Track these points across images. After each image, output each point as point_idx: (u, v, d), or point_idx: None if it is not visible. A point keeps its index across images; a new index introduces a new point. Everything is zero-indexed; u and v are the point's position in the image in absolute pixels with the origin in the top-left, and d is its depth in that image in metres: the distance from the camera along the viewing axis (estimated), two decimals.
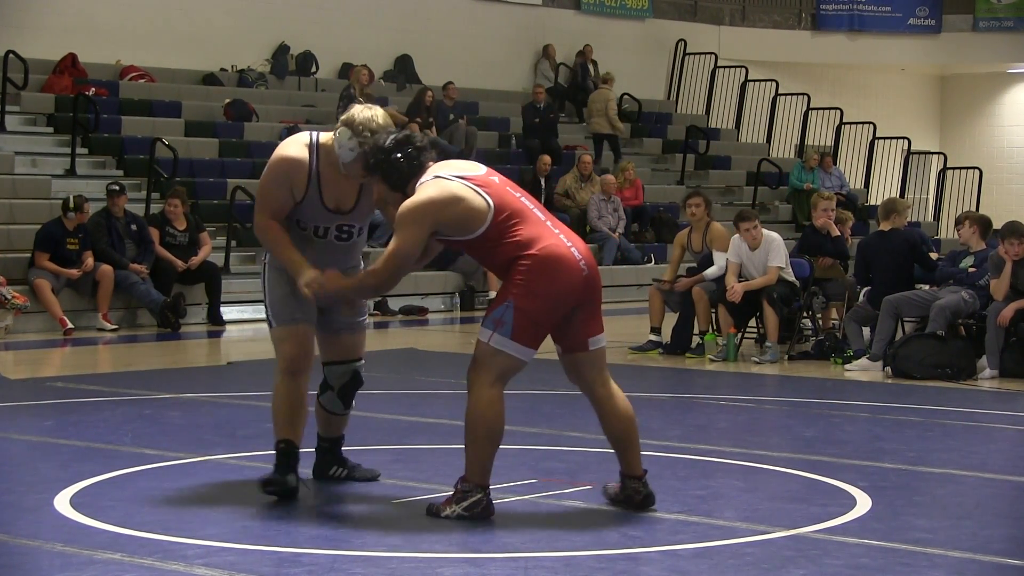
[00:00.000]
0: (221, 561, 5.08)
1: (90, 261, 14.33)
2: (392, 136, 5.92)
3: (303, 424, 6.24)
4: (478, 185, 5.82)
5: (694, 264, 13.05)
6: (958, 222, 12.55)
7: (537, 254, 5.74)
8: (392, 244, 5.79)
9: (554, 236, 5.82)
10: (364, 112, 5.99)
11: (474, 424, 5.77)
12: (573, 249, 5.84)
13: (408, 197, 5.82)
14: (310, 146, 6.09)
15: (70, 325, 13.92)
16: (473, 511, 5.70)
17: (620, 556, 5.22)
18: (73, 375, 10.97)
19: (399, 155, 5.87)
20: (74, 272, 14.20)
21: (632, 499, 5.93)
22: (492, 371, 5.76)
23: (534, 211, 5.88)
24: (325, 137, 6.12)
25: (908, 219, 13.06)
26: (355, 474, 6.51)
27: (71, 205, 14.39)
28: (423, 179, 5.84)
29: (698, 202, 12.76)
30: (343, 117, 6.03)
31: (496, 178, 5.95)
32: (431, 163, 5.93)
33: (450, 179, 5.81)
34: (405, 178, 5.87)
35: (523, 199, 5.91)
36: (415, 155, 5.90)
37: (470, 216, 5.74)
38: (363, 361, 6.55)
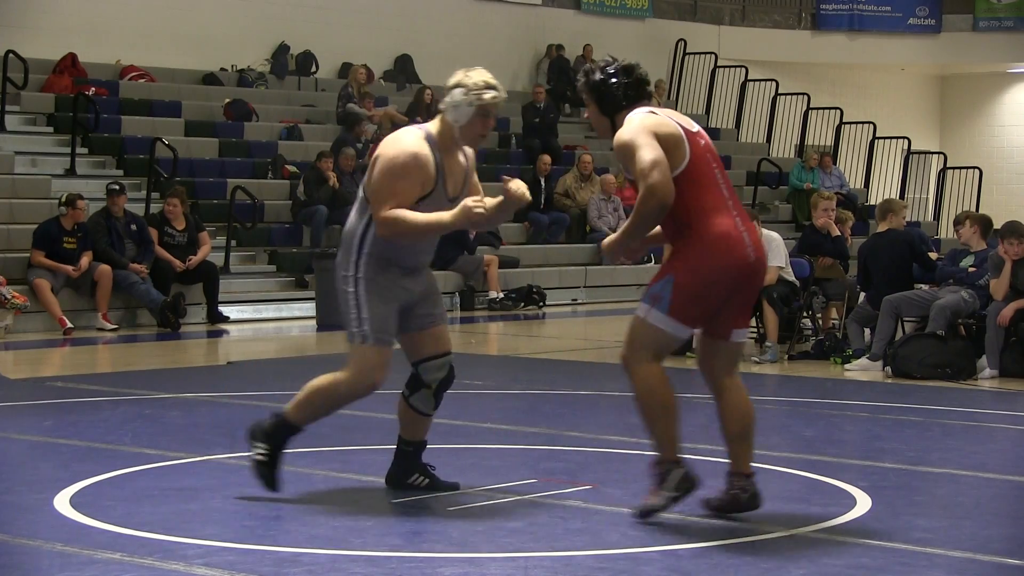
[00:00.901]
0: (221, 561, 5.08)
1: (85, 261, 14.31)
2: (618, 63, 5.88)
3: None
4: (685, 132, 5.78)
5: None
6: (957, 222, 12.55)
7: (707, 230, 5.63)
8: (638, 176, 5.61)
9: (730, 216, 5.70)
10: (467, 73, 6.05)
11: (648, 403, 5.68)
12: (744, 233, 5.69)
13: (615, 129, 5.75)
14: (426, 139, 5.99)
15: (69, 325, 13.92)
16: (681, 487, 5.63)
17: (620, 556, 5.22)
18: (73, 375, 10.97)
19: (618, 80, 5.83)
20: (69, 268, 14.16)
21: (738, 499, 5.76)
22: (648, 349, 5.67)
23: (721, 186, 5.77)
24: (432, 127, 6.07)
25: (906, 219, 13.04)
26: (437, 484, 6.26)
27: (63, 201, 14.42)
28: (631, 114, 5.77)
29: None
30: (449, 83, 6.04)
31: (703, 140, 5.87)
32: (645, 103, 5.86)
33: (659, 114, 5.77)
34: (618, 104, 5.82)
35: (716, 170, 5.81)
36: (634, 86, 5.86)
37: (676, 150, 5.68)
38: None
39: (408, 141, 5.99)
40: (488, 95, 6.00)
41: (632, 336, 5.72)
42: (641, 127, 5.68)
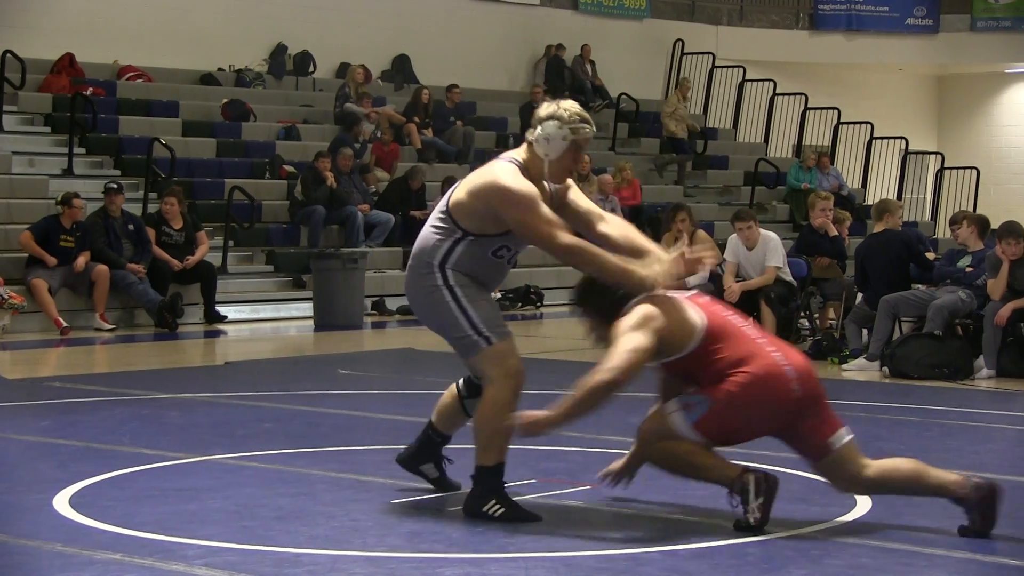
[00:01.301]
0: (221, 561, 5.07)
1: (82, 261, 14.30)
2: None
3: None
4: (690, 301, 5.75)
5: None
6: (954, 222, 12.55)
7: (750, 371, 5.60)
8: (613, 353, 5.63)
9: (768, 354, 5.67)
10: (560, 103, 5.91)
11: (675, 468, 5.66)
12: (787, 368, 5.64)
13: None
14: (522, 172, 5.81)
15: (65, 325, 13.91)
16: (762, 490, 5.52)
17: (620, 556, 5.22)
18: (70, 375, 10.96)
19: (610, 295, 5.80)
20: (54, 260, 14.08)
21: (973, 522, 5.63)
22: (664, 438, 5.66)
23: (745, 328, 5.77)
24: (520, 156, 5.88)
25: (902, 218, 13.05)
26: (444, 481, 6.26)
27: (59, 200, 14.44)
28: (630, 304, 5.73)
29: (683, 216, 12.72)
30: (541, 114, 5.85)
31: (704, 298, 5.86)
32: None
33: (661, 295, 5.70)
34: (616, 308, 5.77)
35: (731, 317, 5.81)
36: (623, 297, 5.78)
37: (683, 329, 5.64)
38: None
39: (513, 177, 5.76)
40: (585, 130, 5.91)
41: (651, 425, 5.74)
42: (644, 316, 5.65)
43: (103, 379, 10.64)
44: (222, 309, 15.27)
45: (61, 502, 6.00)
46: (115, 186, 14.99)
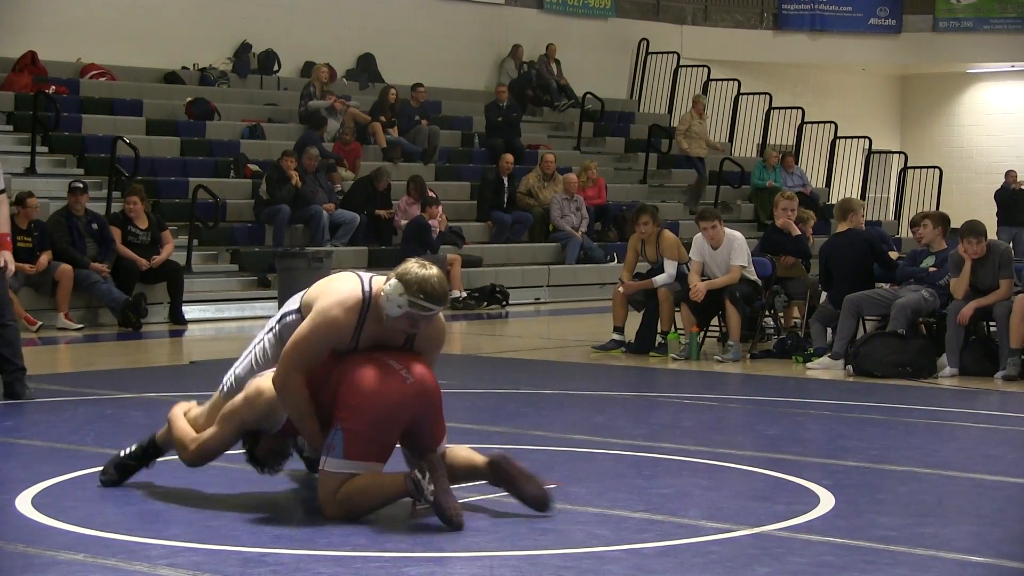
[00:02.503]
0: (185, 561, 5.06)
1: (44, 260, 14.23)
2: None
3: None
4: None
5: (650, 266, 13.06)
6: (914, 224, 12.60)
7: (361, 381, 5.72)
8: None
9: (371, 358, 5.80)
10: (420, 271, 5.71)
11: (359, 503, 5.70)
12: (395, 366, 5.76)
13: None
14: (362, 302, 5.78)
15: (40, 323, 13.86)
16: (423, 470, 5.60)
17: (585, 555, 5.23)
18: (34, 375, 10.87)
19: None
20: (26, 266, 13.99)
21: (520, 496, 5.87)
22: (332, 487, 5.71)
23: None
24: (377, 286, 5.80)
25: (864, 218, 13.11)
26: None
27: (12, 200, 14.31)
28: None
29: (646, 219, 12.72)
30: (398, 270, 5.74)
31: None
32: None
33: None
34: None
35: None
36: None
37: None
38: None
39: (339, 303, 5.81)
40: (422, 310, 5.71)
41: (322, 493, 5.77)
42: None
43: (66, 379, 10.59)
44: (186, 308, 15.21)
45: (24, 502, 5.97)
46: (80, 186, 14.91)
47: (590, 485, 6.49)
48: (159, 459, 6.42)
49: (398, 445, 5.87)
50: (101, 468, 6.40)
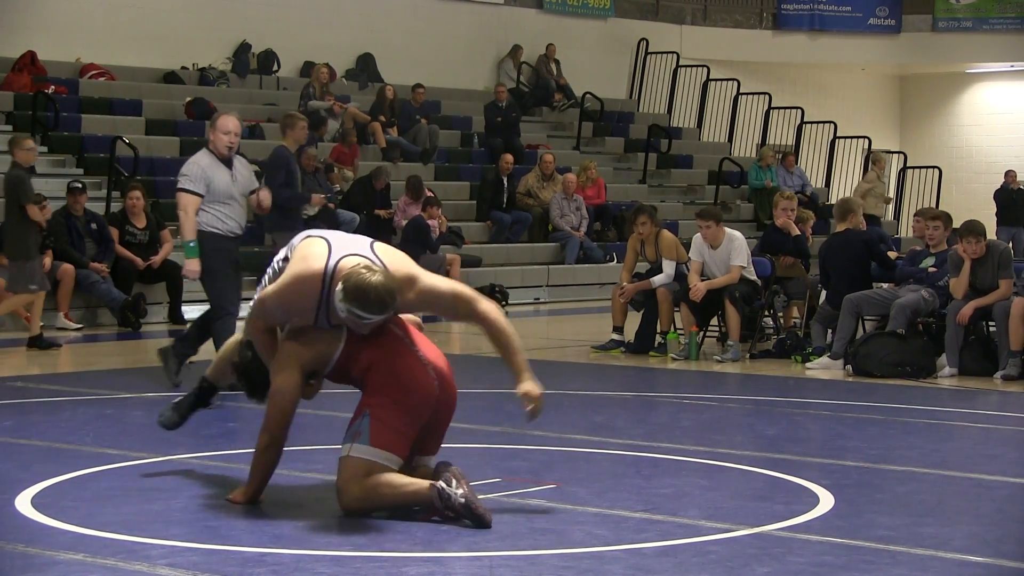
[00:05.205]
0: (185, 561, 5.06)
1: (48, 261, 14.23)
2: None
3: None
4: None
5: (649, 266, 13.06)
6: (934, 217, 12.26)
7: (393, 370, 5.79)
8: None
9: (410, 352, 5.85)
10: (360, 278, 5.66)
11: (382, 495, 5.74)
12: (429, 367, 5.85)
13: None
14: (321, 287, 5.78)
15: (40, 323, 13.83)
16: (454, 476, 5.68)
17: (585, 555, 5.23)
18: (33, 375, 10.90)
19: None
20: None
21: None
22: (357, 473, 5.75)
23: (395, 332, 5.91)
24: (341, 268, 5.78)
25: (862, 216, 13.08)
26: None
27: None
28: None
29: (644, 220, 12.72)
30: (345, 272, 5.70)
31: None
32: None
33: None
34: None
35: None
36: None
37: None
38: None
39: (306, 265, 5.89)
40: (359, 319, 5.70)
41: (346, 477, 5.80)
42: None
43: (66, 379, 10.59)
44: (186, 308, 15.19)
45: (23, 503, 5.97)
46: (79, 186, 14.91)
47: (590, 485, 6.50)
48: (216, 397, 6.80)
49: None
50: (158, 413, 6.80)
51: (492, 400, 9.75)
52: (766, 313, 12.87)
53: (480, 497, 5.95)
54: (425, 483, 5.66)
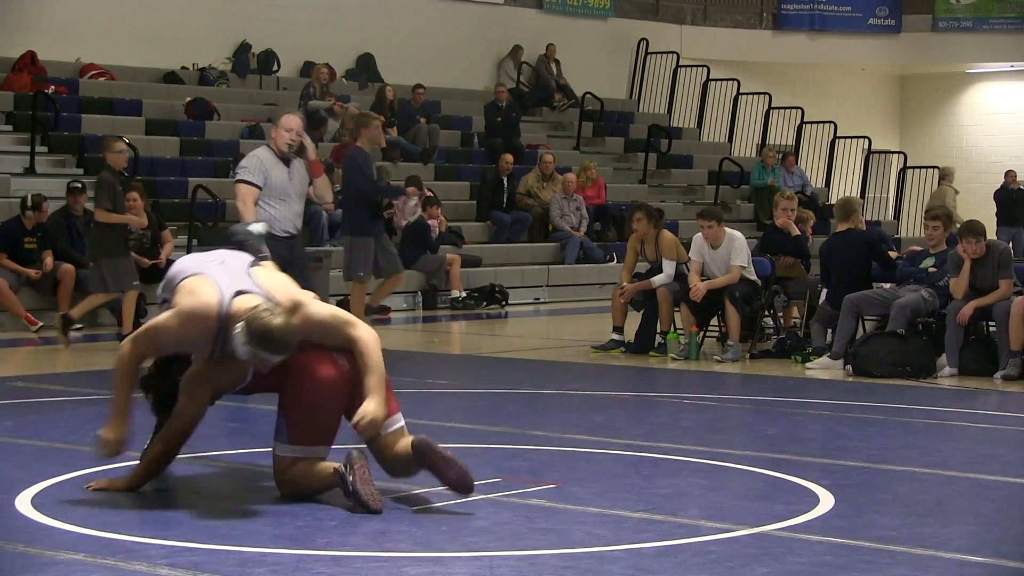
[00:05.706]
0: (185, 561, 5.05)
1: (49, 261, 14.24)
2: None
3: None
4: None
5: (649, 266, 13.06)
6: (935, 216, 12.21)
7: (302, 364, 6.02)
8: None
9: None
10: (263, 321, 5.74)
11: (305, 484, 6.10)
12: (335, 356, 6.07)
13: None
14: (217, 325, 5.88)
15: (40, 324, 13.86)
16: (348, 462, 5.91)
17: (585, 555, 5.23)
18: (34, 375, 10.90)
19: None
20: (32, 272, 14.09)
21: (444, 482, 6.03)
22: (287, 467, 6.09)
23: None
24: (235, 308, 5.87)
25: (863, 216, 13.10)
26: None
27: (29, 204, 14.33)
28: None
29: (639, 216, 12.70)
30: (248, 315, 5.76)
31: None
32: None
33: None
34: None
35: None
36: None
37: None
38: None
39: (198, 304, 5.98)
40: (266, 360, 5.82)
41: (290, 475, 6.12)
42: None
43: (66, 379, 10.59)
44: None
45: (23, 502, 5.97)
46: (78, 186, 14.91)
47: (589, 485, 6.49)
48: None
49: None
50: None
51: (492, 400, 9.75)
52: (766, 313, 12.87)
53: (480, 497, 5.95)
54: (331, 467, 5.95)
